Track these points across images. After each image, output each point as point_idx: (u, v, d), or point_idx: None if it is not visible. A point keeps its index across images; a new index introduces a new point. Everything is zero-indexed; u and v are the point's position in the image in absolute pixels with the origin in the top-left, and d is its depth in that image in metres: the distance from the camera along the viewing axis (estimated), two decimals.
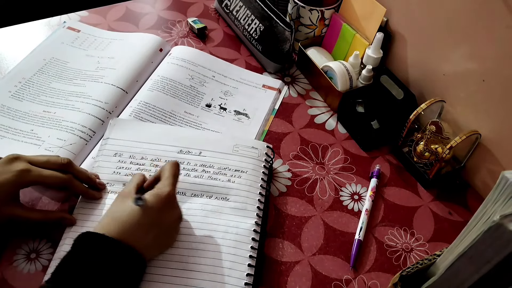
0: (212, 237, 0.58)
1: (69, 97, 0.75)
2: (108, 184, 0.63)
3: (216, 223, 0.60)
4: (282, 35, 0.82)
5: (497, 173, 0.65)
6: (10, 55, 0.82)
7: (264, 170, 0.66)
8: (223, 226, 0.59)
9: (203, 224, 0.59)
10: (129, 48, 0.85)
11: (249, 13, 0.87)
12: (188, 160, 0.66)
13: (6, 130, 0.69)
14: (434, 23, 0.70)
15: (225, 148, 0.67)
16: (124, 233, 0.49)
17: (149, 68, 0.83)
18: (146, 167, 0.65)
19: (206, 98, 0.80)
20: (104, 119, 0.72)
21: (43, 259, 0.57)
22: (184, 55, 0.85)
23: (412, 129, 0.72)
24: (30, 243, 0.59)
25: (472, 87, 0.67)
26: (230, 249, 0.57)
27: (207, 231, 0.59)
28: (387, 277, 0.60)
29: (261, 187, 0.64)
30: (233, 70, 0.86)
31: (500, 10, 0.58)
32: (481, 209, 0.41)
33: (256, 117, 0.79)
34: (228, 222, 0.60)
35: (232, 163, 0.66)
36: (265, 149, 0.68)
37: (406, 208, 0.68)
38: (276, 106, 0.81)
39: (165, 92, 0.78)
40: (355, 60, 0.79)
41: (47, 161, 0.57)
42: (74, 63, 0.82)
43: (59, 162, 0.57)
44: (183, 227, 0.59)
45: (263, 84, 0.84)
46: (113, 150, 0.66)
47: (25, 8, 1.22)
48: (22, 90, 0.76)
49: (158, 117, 0.74)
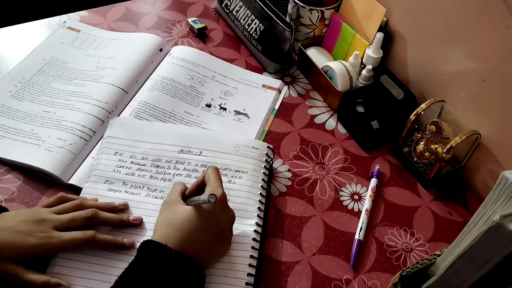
0: None
1: (69, 97, 0.75)
2: (107, 181, 0.63)
3: None
4: (282, 35, 0.82)
5: (497, 173, 0.65)
6: (10, 55, 0.82)
7: (265, 170, 0.66)
8: None
9: None
10: (129, 48, 0.85)
11: (249, 13, 0.87)
12: (188, 160, 0.66)
13: (6, 130, 0.69)
14: (434, 23, 0.70)
15: (225, 148, 0.67)
16: (184, 241, 0.50)
17: (149, 68, 0.83)
18: (147, 167, 0.65)
19: (206, 98, 0.80)
20: (104, 119, 0.72)
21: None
22: (184, 55, 0.85)
23: (412, 129, 0.72)
24: None
25: (472, 87, 0.67)
26: (230, 250, 0.57)
27: None
28: (387, 277, 0.60)
29: (262, 187, 0.64)
30: (233, 70, 0.86)
31: (500, 10, 0.58)
32: (481, 209, 0.41)
33: (256, 117, 0.79)
34: None
35: (232, 163, 0.66)
36: (265, 149, 0.68)
37: (406, 208, 0.68)
38: (276, 106, 0.81)
39: (165, 92, 0.78)
40: (355, 60, 0.79)
41: (71, 219, 0.55)
42: (74, 63, 0.82)
43: (84, 217, 0.55)
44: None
45: (263, 84, 0.84)
46: (114, 149, 0.66)
47: (25, 8, 1.22)
48: (22, 90, 0.76)
49: (158, 117, 0.74)
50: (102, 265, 0.55)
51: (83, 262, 0.55)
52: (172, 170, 0.65)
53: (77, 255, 0.55)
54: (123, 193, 0.62)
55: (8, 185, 0.64)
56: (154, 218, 0.60)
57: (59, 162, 0.65)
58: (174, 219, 0.52)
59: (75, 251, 0.55)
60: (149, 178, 0.64)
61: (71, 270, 0.54)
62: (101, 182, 0.63)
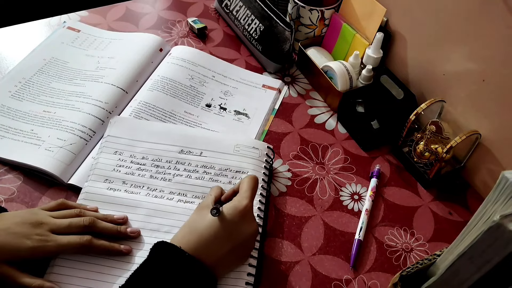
0: None
1: (69, 97, 0.75)
2: (107, 180, 0.63)
3: None
4: (282, 35, 0.82)
5: (497, 173, 0.65)
6: (10, 55, 0.82)
7: (265, 170, 0.66)
8: None
9: None
10: (129, 48, 0.85)
11: (249, 13, 0.87)
12: (189, 161, 0.66)
13: (6, 130, 0.69)
14: (434, 23, 0.70)
15: (226, 149, 0.67)
16: (199, 246, 0.50)
17: (149, 68, 0.83)
18: (147, 167, 0.65)
19: (206, 98, 0.80)
20: (104, 119, 0.72)
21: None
22: (184, 55, 0.85)
23: (412, 129, 0.72)
24: None
25: (472, 87, 0.67)
26: None
27: None
28: (387, 277, 0.60)
29: (262, 187, 0.64)
30: (232, 70, 0.86)
31: (500, 10, 0.58)
32: (481, 209, 0.41)
33: (256, 117, 0.79)
34: None
35: (233, 163, 0.66)
36: (265, 149, 0.68)
37: (406, 208, 0.68)
38: (276, 106, 0.81)
39: (165, 92, 0.78)
40: (355, 60, 0.79)
41: (69, 225, 0.54)
42: (74, 63, 0.82)
43: (81, 225, 0.55)
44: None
45: (262, 84, 0.84)
46: (113, 148, 0.66)
47: (25, 8, 1.22)
48: (22, 90, 0.76)
49: (158, 117, 0.74)
50: (102, 265, 0.55)
51: (83, 262, 0.55)
52: (172, 170, 0.65)
53: (78, 255, 0.55)
54: (122, 192, 0.62)
55: (8, 185, 0.64)
56: (155, 218, 0.60)
57: (59, 162, 0.65)
58: (198, 224, 0.52)
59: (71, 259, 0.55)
60: (149, 178, 0.64)
61: (71, 270, 0.54)
62: (100, 181, 0.63)
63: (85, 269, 0.54)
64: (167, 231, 0.59)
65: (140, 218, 0.60)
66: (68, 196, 0.64)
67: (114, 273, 0.55)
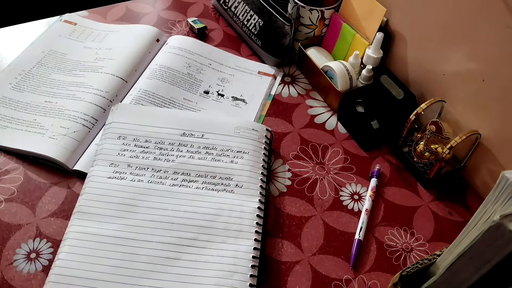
0: (215, 228, 0.59)
1: (70, 87, 0.76)
2: (112, 164, 0.64)
3: (222, 202, 0.62)
4: (282, 30, 0.82)
5: (497, 173, 0.65)
6: (10, 55, 0.82)
7: (264, 151, 0.69)
8: (229, 204, 0.61)
9: (210, 204, 0.61)
10: (126, 39, 0.86)
11: (248, 8, 0.87)
12: (191, 143, 0.68)
13: (8, 121, 0.70)
14: (434, 23, 0.70)
15: (226, 131, 0.69)
16: None
17: (147, 57, 0.84)
18: (150, 149, 0.66)
19: (204, 85, 0.82)
20: (105, 107, 0.74)
21: (43, 259, 0.57)
22: (181, 44, 0.87)
23: (412, 129, 0.72)
24: (30, 243, 0.59)
25: (472, 87, 0.67)
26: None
27: (214, 210, 0.61)
28: (387, 277, 0.60)
29: (263, 167, 0.67)
30: (228, 58, 0.88)
31: (500, 10, 0.58)
32: (481, 209, 0.41)
33: (253, 103, 0.80)
34: (233, 201, 0.62)
35: (234, 144, 0.68)
36: (264, 131, 0.71)
37: (406, 208, 0.68)
38: (272, 91, 0.83)
39: (163, 80, 0.79)
40: (355, 60, 0.79)
41: None
42: (73, 54, 0.83)
43: None
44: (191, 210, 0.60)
45: (258, 71, 0.86)
46: (117, 133, 0.68)
47: (25, 8, 1.22)
48: (22, 82, 0.77)
49: (158, 104, 0.76)
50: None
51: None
52: (176, 152, 0.67)
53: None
54: (128, 175, 0.63)
55: (8, 185, 0.64)
56: (160, 204, 0.61)
57: (64, 149, 0.66)
58: None
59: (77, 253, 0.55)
60: (153, 160, 0.65)
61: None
62: (106, 165, 0.64)
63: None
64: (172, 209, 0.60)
65: (146, 204, 0.61)
66: (72, 183, 0.65)
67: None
